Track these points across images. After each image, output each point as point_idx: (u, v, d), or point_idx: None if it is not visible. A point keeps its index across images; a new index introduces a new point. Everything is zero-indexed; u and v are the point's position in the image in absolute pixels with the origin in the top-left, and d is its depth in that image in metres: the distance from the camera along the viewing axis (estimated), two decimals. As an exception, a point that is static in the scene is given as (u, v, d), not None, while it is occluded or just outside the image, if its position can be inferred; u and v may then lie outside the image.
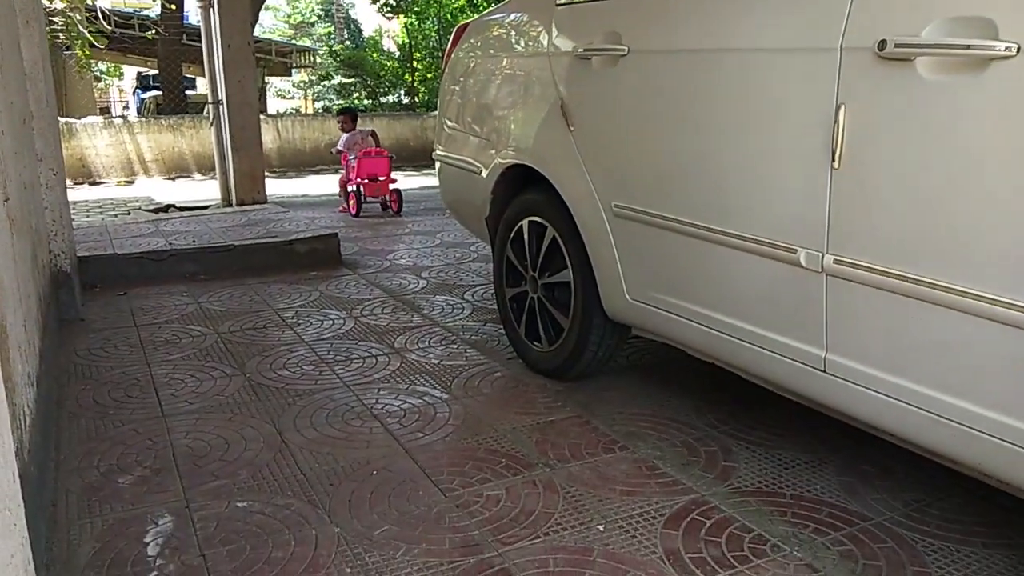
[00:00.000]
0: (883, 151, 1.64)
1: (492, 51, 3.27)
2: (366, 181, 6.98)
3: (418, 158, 11.60)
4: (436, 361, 3.14)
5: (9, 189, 2.28)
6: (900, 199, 1.62)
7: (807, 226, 1.80)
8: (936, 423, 1.61)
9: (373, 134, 7.62)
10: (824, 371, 1.84)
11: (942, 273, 1.55)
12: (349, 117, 7.67)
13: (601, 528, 1.95)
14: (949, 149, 1.54)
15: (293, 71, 21.38)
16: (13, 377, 1.83)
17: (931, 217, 1.57)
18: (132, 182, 10.68)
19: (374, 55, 19.12)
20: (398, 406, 2.70)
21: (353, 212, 7.00)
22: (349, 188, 7.12)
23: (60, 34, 9.87)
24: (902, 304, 1.63)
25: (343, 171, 7.32)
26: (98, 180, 10.78)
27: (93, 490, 2.15)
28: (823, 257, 1.77)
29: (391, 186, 7.11)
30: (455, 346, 3.33)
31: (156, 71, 16.42)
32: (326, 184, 10.07)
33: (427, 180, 7.96)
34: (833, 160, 1.71)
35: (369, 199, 7.09)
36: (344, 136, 7.43)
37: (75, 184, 10.06)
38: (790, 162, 1.86)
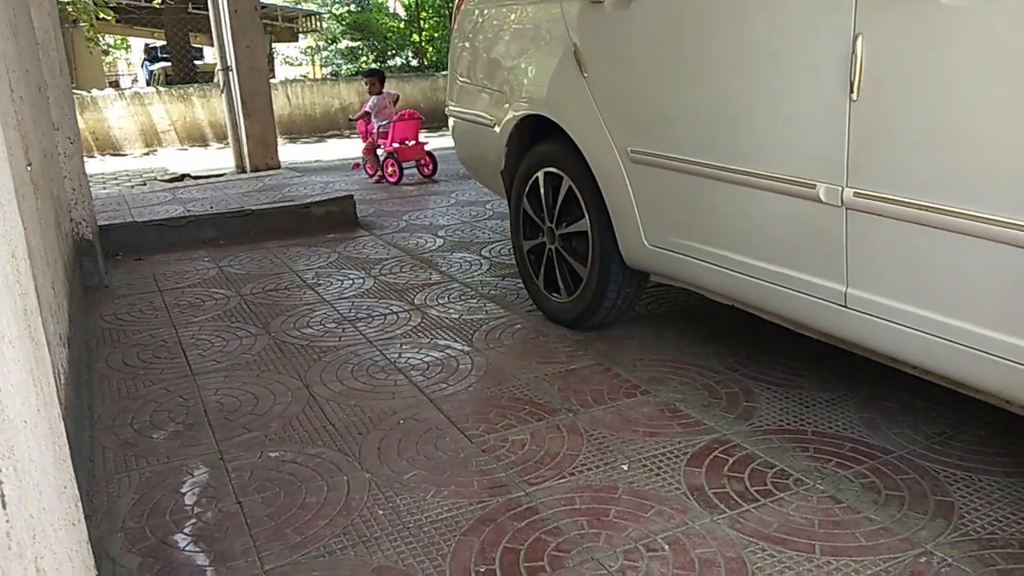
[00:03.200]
0: (902, 80, 1.62)
1: (501, 1, 3.23)
2: (396, 145, 6.71)
3: (429, 120, 11.53)
4: (456, 316, 3.18)
5: (31, 154, 2.31)
6: (920, 128, 1.61)
7: (826, 160, 1.79)
8: (959, 352, 1.62)
9: (396, 98, 7.28)
10: (845, 306, 1.85)
11: (963, 201, 1.54)
12: (377, 79, 7.21)
13: (625, 467, 1.98)
14: (969, 75, 1.52)
15: (300, 37, 21.22)
16: (45, 335, 1.87)
17: (952, 145, 1.56)
18: (147, 153, 10.72)
19: (380, 17, 18.92)
20: (421, 359, 2.74)
21: (393, 180, 6.69)
22: (380, 154, 6.86)
23: (68, 7, 9.84)
24: (924, 234, 1.63)
25: (371, 136, 6.95)
26: (114, 152, 10.82)
27: (128, 446, 2.21)
28: (842, 191, 1.77)
29: (424, 148, 6.85)
30: (474, 301, 3.36)
31: (163, 42, 16.35)
32: (339, 149, 10.06)
33: (440, 142, 7.93)
34: (851, 92, 1.70)
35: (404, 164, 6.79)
36: (373, 99, 7.03)
37: (90, 156, 10.11)
38: (808, 96, 1.84)
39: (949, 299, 1.63)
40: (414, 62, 17.69)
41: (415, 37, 17.82)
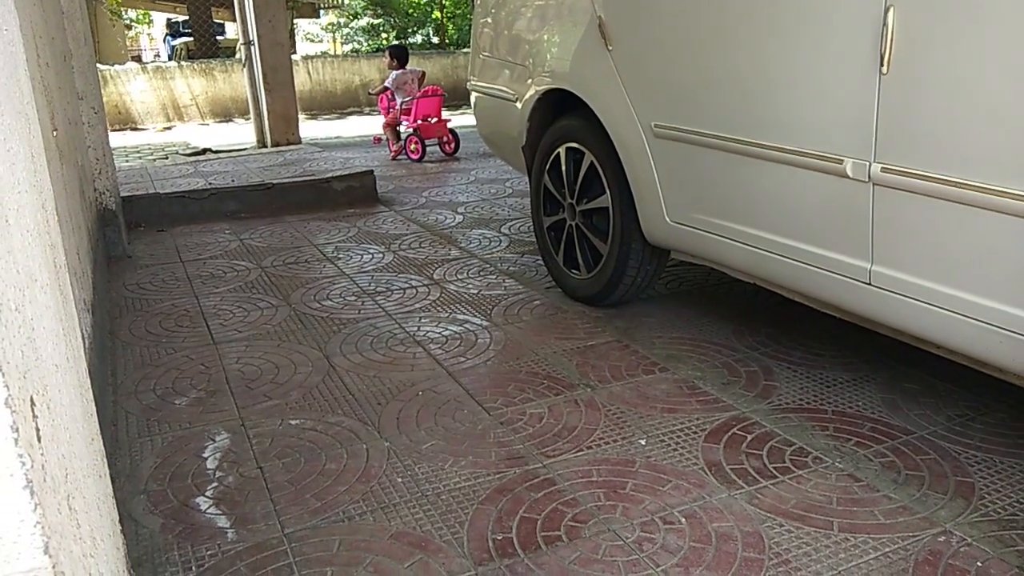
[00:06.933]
0: (933, 53, 1.59)
1: (526, -25, 3.20)
2: (419, 122, 6.68)
3: (450, 98, 11.48)
4: (475, 291, 3.18)
5: (56, 121, 2.32)
6: (952, 103, 1.58)
7: (854, 135, 1.77)
8: (985, 331, 1.60)
9: (422, 76, 7.20)
10: (870, 284, 1.83)
11: (993, 177, 1.52)
12: (391, 53, 7.19)
13: (643, 442, 1.98)
14: (1002, 48, 1.49)
15: (321, 13, 21.18)
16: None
17: (984, 120, 1.54)
18: (169, 127, 10.77)
19: (402, -6, 18.82)
20: (440, 333, 2.74)
21: (416, 157, 6.68)
22: (402, 131, 6.82)
23: (90, -20, 9.87)
24: (953, 211, 1.61)
25: (391, 112, 6.96)
26: (135, 126, 10.89)
27: (151, 411, 2.24)
28: (870, 166, 1.74)
29: (447, 126, 6.82)
30: (493, 276, 3.36)
31: (186, 17, 16.38)
32: (359, 125, 10.06)
33: (461, 120, 7.90)
34: (882, 65, 1.67)
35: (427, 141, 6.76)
36: (393, 74, 7.01)
37: (112, 130, 10.15)
38: (837, 70, 1.81)
39: (976, 277, 1.61)
40: (435, 39, 17.62)
41: (436, 14, 17.74)
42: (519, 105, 3.17)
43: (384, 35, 18.56)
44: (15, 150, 0.69)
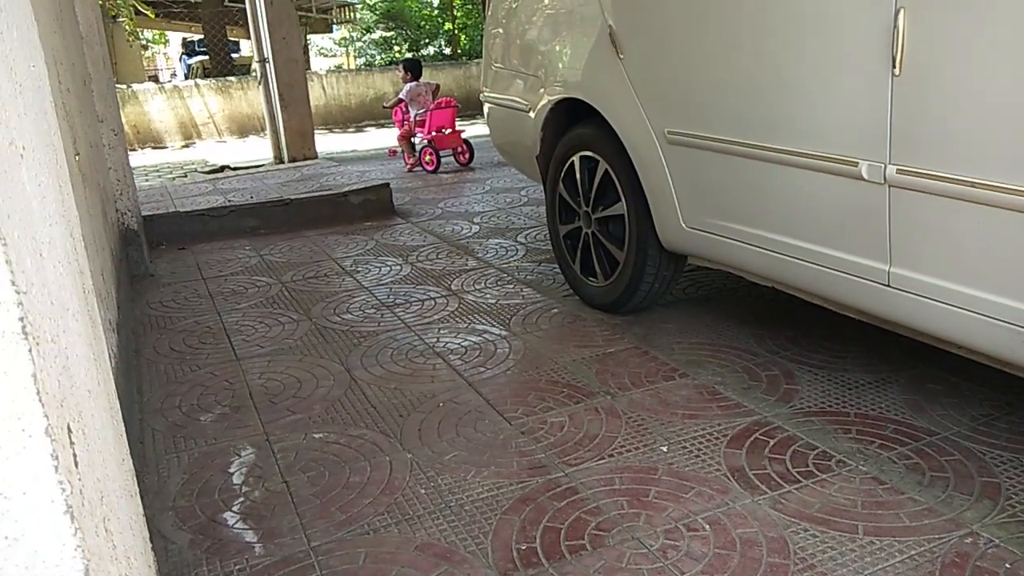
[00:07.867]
0: (945, 54, 1.59)
1: (536, -14, 3.22)
2: (434, 134, 6.72)
3: (463, 108, 11.53)
4: (493, 301, 3.19)
5: (79, 145, 2.37)
6: (965, 102, 1.57)
7: (868, 137, 1.77)
8: (1006, 331, 1.59)
9: (436, 88, 7.25)
10: (888, 285, 1.82)
11: (1009, 176, 1.51)
12: (405, 67, 7.22)
13: (664, 449, 1.98)
14: (1012, 47, 1.48)
15: (334, 27, 21.37)
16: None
17: (998, 119, 1.53)
18: (187, 145, 10.90)
19: (413, 5, 18.97)
20: (459, 344, 2.76)
21: (431, 168, 6.70)
22: (417, 143, 6.86)
23: (108, 2, 10.02)
24: (970, 211, 1.60)
25: (406, 125, 7.00)
26: (154, 145, 11.03)
27: (177, 428, 2.27)
28: (885, 168, 1.74)
29: (461, 136, 6.85)
30: (511, 286, 3.37)
31: (201, 36, 16.59)
32: (374, 138, 10.13)
33: (474, 130, 7.94)
34: (894, 67, 1.67)
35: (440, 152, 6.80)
36: (407, 87, 7.05)
37: (131, 149, 10.28)
38: (849, 72, 1.81)
39: (995, 277, 1.60)
40: (447, 50, 17.72)
41: (448, 25, 17.84)
42: (532, 115, 3.19)
43: (396, 48, 18.71)
44: (45, 183, 0.71)
